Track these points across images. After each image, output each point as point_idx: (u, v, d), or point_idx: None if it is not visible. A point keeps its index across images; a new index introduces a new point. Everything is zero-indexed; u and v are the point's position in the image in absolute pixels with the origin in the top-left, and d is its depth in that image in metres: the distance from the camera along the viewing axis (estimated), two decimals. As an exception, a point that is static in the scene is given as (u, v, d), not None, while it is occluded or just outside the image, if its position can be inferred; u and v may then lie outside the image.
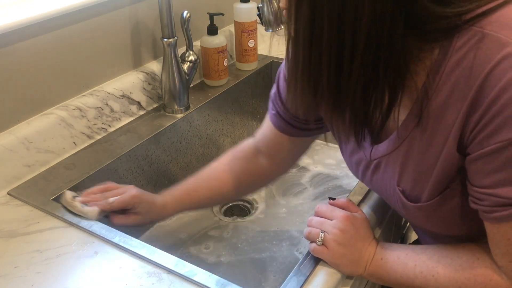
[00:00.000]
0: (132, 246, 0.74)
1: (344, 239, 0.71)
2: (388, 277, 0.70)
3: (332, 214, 0.74)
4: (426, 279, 0.66)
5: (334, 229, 0.72)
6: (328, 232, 0.72)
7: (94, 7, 0.99)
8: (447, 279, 0.65)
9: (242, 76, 1.30)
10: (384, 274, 0.70)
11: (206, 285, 0.67)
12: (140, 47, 1.13)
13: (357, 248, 0.71)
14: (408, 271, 0.68)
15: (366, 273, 0.71)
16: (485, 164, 0.54)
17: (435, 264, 0.66)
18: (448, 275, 0.65)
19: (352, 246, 0.71)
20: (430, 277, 0.66)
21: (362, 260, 0.71)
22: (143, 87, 1.10)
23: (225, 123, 1.26)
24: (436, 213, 0.65)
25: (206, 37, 1.20)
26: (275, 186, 1.22)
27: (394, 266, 0.69)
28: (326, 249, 0.71)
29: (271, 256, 1.01)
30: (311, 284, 0.68)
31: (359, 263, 0.71)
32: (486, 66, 0.51)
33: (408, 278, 0.68)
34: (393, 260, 0.70)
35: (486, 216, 0.58)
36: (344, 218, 0.72)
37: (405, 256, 0.69)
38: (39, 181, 0.89)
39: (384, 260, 0.70)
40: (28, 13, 0.87)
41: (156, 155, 1.06)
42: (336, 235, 0.71)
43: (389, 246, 0.72)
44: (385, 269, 0.70)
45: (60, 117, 0.95)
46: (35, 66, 0.92)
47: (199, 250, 1.02)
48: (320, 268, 0.71)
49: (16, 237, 0.76)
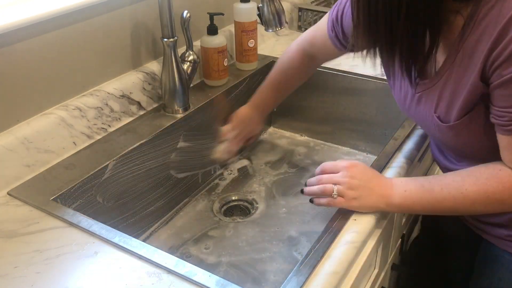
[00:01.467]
0: (132, 246, 0.74)
1: (355, 184, 0.81)
2: (415, 206, 0.79)
3: (337, 167, 0.84)
4: (455, 198, 0.75)
5: (344, 179, 0.81)
6: (340, 183, 0.81)
7: (94, 7, 0.99)
8: (476, 193, 0.74)
9: (242, 76, 1.30)
10: (411, 204, 0.79)
11: (206, 285, 0.67)
12: (140, 47, 1.13)
13: (370, 188, 0.80)
14: (436, 195, 0.76)
15: (392, 207, 0.80)
16: (504, 90, 0.67)
17: (461, 183, 0.75)
18: (476, 189, 0.74)
19: (364, 187, 0.80)
20: (459, 195, 0.75)
21: (381, 196, 0.80)
22: (143, 87, 1.10)
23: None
24: (463, 131, 0.76)
25: (206, 37, 1.20)
26: (275, 186, 1.22)
27: (420, 194, 0.78)
28: (342, 198, 0.81)
29: (271, 256, 1.01)
30: (311, 284, 0.68)
31: (378, 199, 0.80)
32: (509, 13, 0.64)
33: (436, 202, 0.76)
34: (417, 189, 0.78)
35: (503, 130, 0.70)
36: (348, 166, 0.83)
37: (428, 184, 0.78)
38: (39, 181, 0.89)
39: (408, 191, 0.79)
40: (28, 13, 0.87)
41: (156, 155, 1.06)
42: (347, 183, 0.81)
43: (407, 179, 0.82)
44: (411, 199, 0.78)
45: (60, 117, 0.95)
46: (35, 66, 0.92)
47: (199, 250, 1.02)
48: (320, 268, 0.71)
49: (16, 237, 0.76)
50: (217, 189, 1.21)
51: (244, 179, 1.25)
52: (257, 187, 1.22)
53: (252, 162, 1.31)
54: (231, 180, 1.24)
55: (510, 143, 0.71)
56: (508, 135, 0.71)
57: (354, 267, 0.78)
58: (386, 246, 0.96)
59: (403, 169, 0.92)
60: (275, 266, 0.98)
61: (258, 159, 1.32)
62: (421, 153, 1.02)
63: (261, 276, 0.96)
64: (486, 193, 0.74)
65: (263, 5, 1.07)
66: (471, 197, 0.74)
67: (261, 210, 1.14)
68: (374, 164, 0.94)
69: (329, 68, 1.31)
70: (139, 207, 1.05)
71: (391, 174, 0.90)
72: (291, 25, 1.59)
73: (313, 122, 1.39)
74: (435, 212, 0.80)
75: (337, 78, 1.30)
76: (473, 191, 0.74)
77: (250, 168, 1.29)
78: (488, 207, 0.75)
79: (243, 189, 1.21)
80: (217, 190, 1.21)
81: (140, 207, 1.05)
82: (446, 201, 0.76)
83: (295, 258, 0.99)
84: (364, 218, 0.80)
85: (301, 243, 1.03)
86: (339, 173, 0.82)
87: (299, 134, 1.43)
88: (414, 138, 1.02)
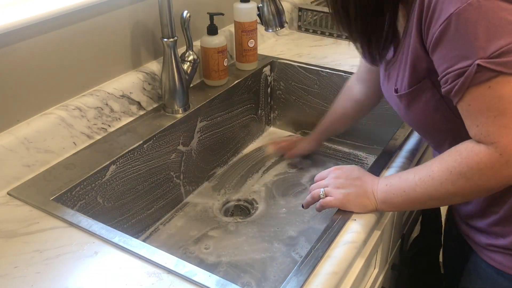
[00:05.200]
0: (132, 246, 0.74)
1: (340, 183, 0.83)
2: (396, 199, 0.77)
3: (324, 174, 0.88)
4: (424, 181, 0.73)
5: (330, 180, 0.85)
6: (327, 185, 0.85)
7: (94, 7, 0.99)
8: (441, 171, 0.71)
9: (242, 76, 1.30)
10: (392, 197, 0.78)
11: (206, 285, 0.67)
12: (140, 47, 1.13)
13: (356, 185, 0.82)
14: (410, 183, 0.75)
15: (379, 203, 0.80)
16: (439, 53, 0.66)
17: (430, 165, 0.74)
18: (440, 167, 0.71)
19: (350, 185, 0.82)
20: (427, 178, 0.73)
21: (368, 192, 0.81)
22: (143, 87, 1.10)
23: (225, 123, 1.26)
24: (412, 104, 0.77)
25: (206, 37, 1.20)
26: (275, 186, 1.22)
27: (399, 184, 0.77)
28: (330, 197, 0.83)
29: (271, 256, 1.01)
30: (311, 284, 0.68)
31: (366, 196, 0.81)
32: None
33: (411, 190, 0.75)
34: (396, 181, 0.78)
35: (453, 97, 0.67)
36: (333, 170, 0.87)
37: (406, 173, 0.78)
38: (39, 181, 0.89)
39: (389, 184, 0.79)
40: (28, 13, 0.87)
41: (156, 155, 1.06)
42: (333, 183, 0.84)
43: (392, 175, 0.82)
44: (392, 191, 0.78)
45: (60, 117, 0.95)
46: (35, 66, 0.92)
47: (199, 250, 1.02)
48: (320, 268, 0.71)
49: (16, 237, 0.76)
50: (217, 189, 1.21)
51: (244, 179, 1.25)
52: (257, 187, 1.22)
53: (252, 162, 1.31)
54: (231, 180, 1.24)
55: (462, 110, 0.68)
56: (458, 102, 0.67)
57: (354, 267, 0.78)
58: (386, 246, 0.96)
59: (403, 169, 0.92)
60: (275, 266, 0.98)
61: (258, 159, 1.32)
62: (421, 153, 1.02)
63: (261, 276, 0.96)
64: (448, 169, 0.70)
65: (263, 5, 1.07)
66: (437, 177, 0.71)
67: (261, 210, 1.14)
68: (374, 164, 0.94)
69: (329, 68, 1.31)
70: (139, 207, 1.05)
71: (390, 174, 0.90)
72: (291, 25, 1.59)
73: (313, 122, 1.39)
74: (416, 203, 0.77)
75: (337, 78, 1.30)
76: (438, 170, 0.71)
77: (250, 168, 1.29)
78: (456, 185, 0.70)
79: (243, 189, 1.21)
80: (217, 190, 1.21)
81: (140, 207, 1.05)
82: (419, 187, 0.74)
83: (295, 258, 0.99)
84: (364, 218, 0.80)
85: (301, 243, 1.03)
86: (326, 178, 0.86)
87: (299, 134, 1.43)
88: (414, 138, 1.02)
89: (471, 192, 0.70)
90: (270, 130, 1.46)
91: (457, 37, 0.63)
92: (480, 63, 0.62)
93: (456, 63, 0.64)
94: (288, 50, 1.44)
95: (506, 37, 0.61)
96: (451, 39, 0.64)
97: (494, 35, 0.61)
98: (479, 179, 0.68)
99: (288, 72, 1.37)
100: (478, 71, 0.63)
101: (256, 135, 1.42)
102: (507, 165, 0.65)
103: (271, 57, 1.39)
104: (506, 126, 0.64)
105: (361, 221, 0.80)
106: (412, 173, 0.76)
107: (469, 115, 0.67)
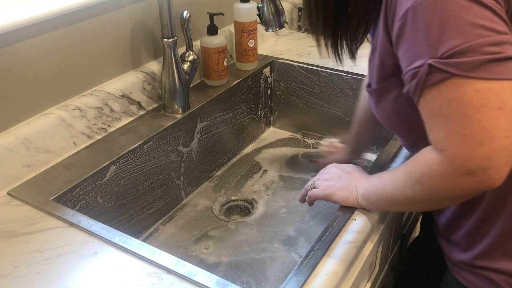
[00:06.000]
0: (132, 246, 0.74)
1: (330, 176, 0.87)
2: (372, 196, 0.78)
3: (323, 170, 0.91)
4: (392, 182, 0.73)
5: (322, 174, 0.89)
6: (318, 178, 0.88)
7: (94, 7, 0.99)
8: (403, 173, 0.71)
9: (242, 76, 1.30)
10: (370, 194, 0.79)
11: (206, 285, 0.67)
12: (140, 47, 1.13)
13: (343, 179, 0.84)
14: (382, 182, 0.76)
15: (360, 199, 0.81)
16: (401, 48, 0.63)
17: (398, 167, 0.74)
18: (403, 170, 0.71)
19: (338, 178, 0.85)
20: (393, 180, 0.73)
21: (351, 186, 0.82)
22: (143, 87, 1.10)
23: (225, 123, 1.26)
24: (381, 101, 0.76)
25: (206, 37, 1.20)
26: (275, 186, 1.22)
27: (376, 182, 0.78)
28: (316, 189, 0.87)
29: (271, 256, 1.01)
30: (311, 284, 0.68)
31: (349, 189, 0.82)
32: None
33: (382, 189, 0.76)
34: (376, 179, 0.79)
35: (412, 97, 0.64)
36: (329, 166, 0.90)
37: (384, 173, 0.79)
38: (39, 181, 0.89)
39: (370, 182, 0.80)
40: (28, 13, 0.87)
41: (156, 155, 1.06)
42: (323, 176, 0.88)
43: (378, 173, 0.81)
44: (370, 188, 0.79)
45: (60, 117, 0.95)
46: (35, 66, 0.92)
47: (199, 250, 1.02)
48: (320, 268, 0.71)
49: (16, 237, 0.76)
50: (217, 189, 1.21)
51: (244, 179, 1.25)
52: (257, 187, 1.22)
53: (252, 162, 1.31)
54: (231, 180, 1.24)
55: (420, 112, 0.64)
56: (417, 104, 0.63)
57: (354, 267, 0.78)
58: (386, 246, 0.96)
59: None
60: (275, 266, 0.98)
61: (258, 159, 1.32)
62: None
63: (261, 276, 0.96)
64: (407, 173, 0.69)
65: (263, 5, 1.07)
66: (400, 179, 0.70)
67: (261, 210, 1.14)
68: (374, 164, 0.94)
69: (329, 68, 1.31)
70: (139, 207, 1.05)
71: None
72: (291, 25, 1.59)
73: (313, 122, 1.39)
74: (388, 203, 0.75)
75: (337, 78, 1.30)
76: (401, 172, 0.71)
77: (250, 168, 1.29)
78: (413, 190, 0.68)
79: (243, 189, 1.21)
80: (217, 190, 1.21)
81: (140, 207, 1.05)
82: (388, 187, 0.74)
83: (295, 258, 0.99)
84: (364, 218, 0.80)
85: (301, 243, 1.03)
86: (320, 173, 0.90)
87: (299, 134, 1.43)
88: (414, 138, 1.02)
89: (430, 199, 0.68)
90: (270, 131, 1.46)
91: (413, 34, 0.60)
92: (431, 62, 0.58)
93: (412, 62, 0.61)
94: (288, 50, 1.44)
95: (460, 37, 0.57)
96: (408, 35, 0.61)
97: (448, 33, 0.57)
98: (431, 186, 0.65)
99: (288, 72, 1.37)
100: (429, 72, 0.59)
101: (256, 136, 1.42)
102: (455, 173, 0.61)
103: (271, 57, 1.39)
104: (454, 133, 0.59)
105: (361, 221, 0.80)
106: (388, 173, 0.77)
107: (425, 119, 0.63)
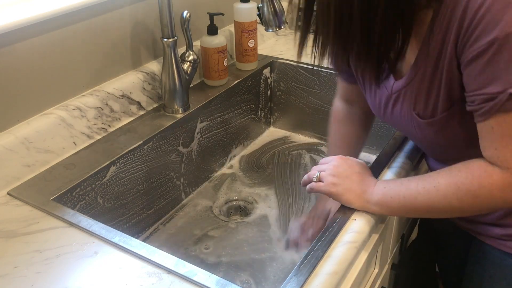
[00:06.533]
0: (132, 246, 0.74)
1: (338, 171, 0.81)
2: (393, 203, 0.77)
3: (328, 159, 0.85)
4: (429, 191, 0.73)
5: (329, 166, 0.83)
6: (324, 170, 0.83)
7: (94, 7, 0.99)
8: (448, 185, 0.71)
9: (242, 76, 1.30)
10: (389, 200, 0.77)
11: (206, 285, 0.67)
12: (140, 47, 1.13)
13: (353, 180, 0.80)
14: (411, 190, 0.75)
15: (372, 204, 0.79)
16: (472, 70, 0.65)
17: (435, 176, 0.74)
18: (447, 181, 0.72)
19: (346, 177, 0.81)
20: (431, 189, 0.73)
21: (359, 191, 0.79)
22: (143, 87, 1.10)
23: (225, 123, 1.26)
24: (444, 128, 0.75)
25: (206, 37, 1.20)
26: (275, 186, 1.22)
27: (397, 188, 0.77)
28: (321, 182, 0.82)
29: (271, 256, 1.01)
30: (311, 284, 0.68)
31: (355, 193, 0.80)
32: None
33: (411, 196, 0.75)
34: (395, 185, 0.77)
35: (477, 115, 0.68)
36: (338, 158, 0.84)
37: (407, 180, 0.77)
38: (39, 181, 0.89)
39: (387, 188, 0.78)
40: (28, 13, 0.87)
41: (156, 155, 1.06)
42: (330, 169, 0.82)
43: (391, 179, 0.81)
44: (390, 194, 0.77)
45: (60, 117, 0.95)
46: (35, 66, 0.92)
47: (199, 250, 1.02)
48: (320, 268, 0.71)
49: (16, 237, 0.76)
50: (218, 189, 1.21)
51: (244, 179, 1.25)
52: (257, 187, 1.22)
53: (252, 163, 1.31)
54: (231, 180, 1.24)
55: (482, 129, 0.69)
56: (481, 122, 0.68)
57: (354, 267, 0.78)
58: (386, 246, 0.96)
59: (403, 169, 0.92)
60: (275, 266, 0.98)
61: (258, 159, 1.32)
62: (421, 153, 1.02)
63: (261, 276, 0.96)
64: (456, 184, 0.71)
65: (263, 5, 1.07)
66: (442, 190, 0.72)
67: (261, 210, 1.14)
68: (374, 164, 0.94)
69: (329, 68, 1.31)
70: (139, 208, 1.05)
71: (391, 174, 0.90)
72: (291, 25, 1.59)
73: (313, 121, 1.39)
74: (413, 210, 0.77)
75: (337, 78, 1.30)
76: (445, 183, 0.72)
77: (250, 169, 1.29)
78: (461, 201, 0.71)
79: (243, 189, 1.21)
80: (218, 190, 1.21)
81: (140, 208, 1.05)
82: (421, 196, 0.74)
83: (294, 258, 0.99)
84: (364, 218, 0.80)
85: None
86: (327, 163, 0.84)
87: (299, 134, 1.43)
88: (414, 138, 1.02)
89: (473, 208, 0.72)
90: (270, 131, 1.46)
91: (496, 61, 0.63)
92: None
93: (486, 86, 0.65)
94: (288, 50, 1.44)
95: None
96: (489, 60, 0.64)
97: None
98: (486, 198, 0.70)
99: (288, 72, 1.37)
100: (508, 99, 0.63)
101: (256, 136, 1.42)
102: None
103: (271, 57, 1.39)
104: None
105: (361, 221, 0.80)
106: (414, 181, 0.76)
107: (489, 137, 0.68)
